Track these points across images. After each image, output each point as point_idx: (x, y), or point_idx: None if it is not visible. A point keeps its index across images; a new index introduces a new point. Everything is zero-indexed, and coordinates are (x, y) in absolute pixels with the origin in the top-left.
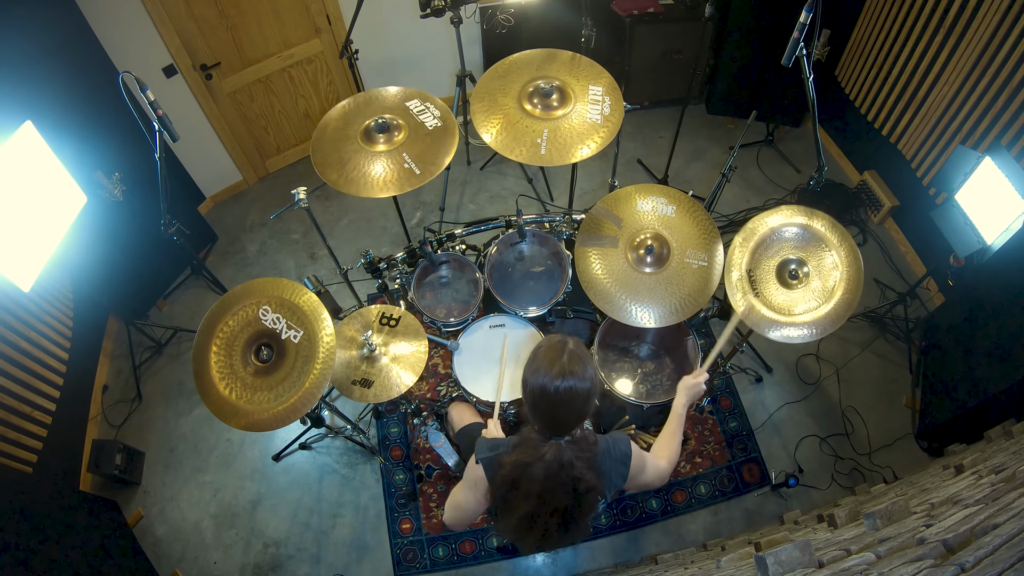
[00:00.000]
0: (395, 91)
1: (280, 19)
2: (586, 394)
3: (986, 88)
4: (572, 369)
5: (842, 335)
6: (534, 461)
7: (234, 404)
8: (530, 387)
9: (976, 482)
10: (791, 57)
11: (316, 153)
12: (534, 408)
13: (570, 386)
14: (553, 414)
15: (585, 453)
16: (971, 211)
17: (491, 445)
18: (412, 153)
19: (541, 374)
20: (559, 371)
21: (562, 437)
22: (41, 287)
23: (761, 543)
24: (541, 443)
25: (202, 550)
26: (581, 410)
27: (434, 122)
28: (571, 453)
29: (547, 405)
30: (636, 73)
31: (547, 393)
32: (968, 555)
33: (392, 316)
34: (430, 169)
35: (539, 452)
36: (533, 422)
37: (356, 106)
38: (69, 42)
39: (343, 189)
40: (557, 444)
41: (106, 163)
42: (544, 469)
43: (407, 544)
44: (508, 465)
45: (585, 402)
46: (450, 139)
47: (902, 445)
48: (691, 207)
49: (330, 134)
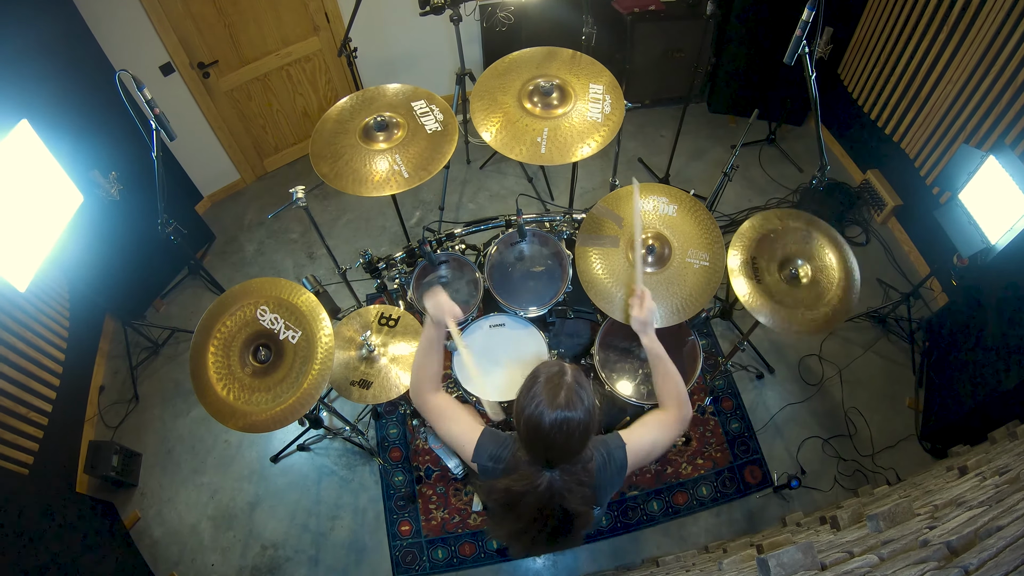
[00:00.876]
0: (398, 88)
1: (278, 17)
2: (584, 428)
3: (990, 86)
4: (570, 402)
5: (845, 335)
6: (527, 492)
7: (232, 405)
8: (525, 418)
9: (980, 484)
10: (793, 55)
11: (315, 144)
12: (528, 441)
13: (567, 418)
14: (548, 450)
15: (579, 480)
16: (975, 210)
17: (491, 454)
18: (406, 155)
19: (537, 406)
20: (556, 405)
21: (555, 469)
22: (37, 287)
23: (763, 545)
24: (535, 473)
25: (200, 552)
26: (577, 445)
27: (435, 125)
28: (563, 484)
29: (543, 441)
30: (637, 71)
31: (543, 428)
32: (972, 557)
33: (391, 316)
34: (420, 174)
35: (533, 482)
36: (527, 451)
37: (361, 102)
38: (65, 40)
39: (334, 184)
40: (551, 476)
41: (103, 162)
42: (536, 500)
43: (406, 546)
44: (500, 491)
45: (582, 437)
46: (447, 144)
47: (905, 446)
48: (693, 206)
49: (331, 126)
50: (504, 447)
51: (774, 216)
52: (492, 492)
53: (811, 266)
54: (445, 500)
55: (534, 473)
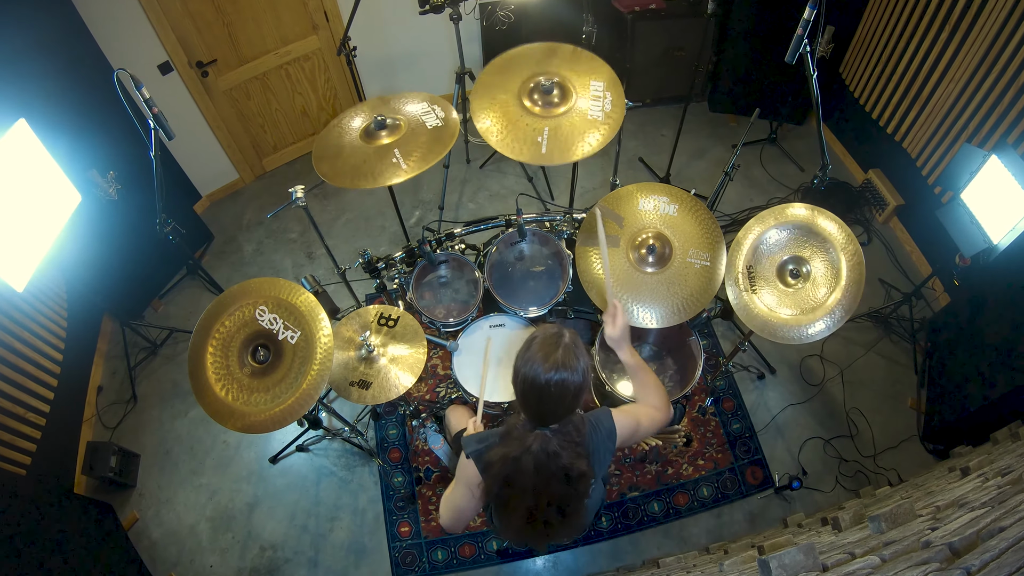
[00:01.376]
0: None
1: (277, 16)
2: (577, 388)
3: (992, 85)
4: (566, 362)
5: (846, 336)
6: (521, 454)
7: (230, 406)
8: (521, 376)
9: (982, 484)
10: (795, 54)
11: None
12: (523, 398)
13: (562, 379)
14: (541, 405)
15: (572, 439)
16: (977, 210)
17: (479, 438)
18: (404, 150)
19: (533, 364)
20: (552, 363)
21: (547, 427)
22: (35, 287)
23: (764, 546)
24: (526, 434)
25: (198, 554)
26: (571, 404)
27: (435, 121)
28: (557, 442)
29: (536, 396)
30: (638, 70)
31: (538, 384)
32: (974, 559)
33: (390, 316)
34: (420, 165)
35: (525, 443)
36: (521, 410)
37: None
38: (63, 39)
39: (333, 181)
40: (543, 434)
41: (101, 162)
42: (533, 460)
43: (406, 548)
44: (497, 460)
45: (576, 396)
46: (447, 139)
47: (907, 447)
48: (693, 206)
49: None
50: (489, 434)
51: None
52: (489, 467)
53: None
54: None
55: (526, 434)
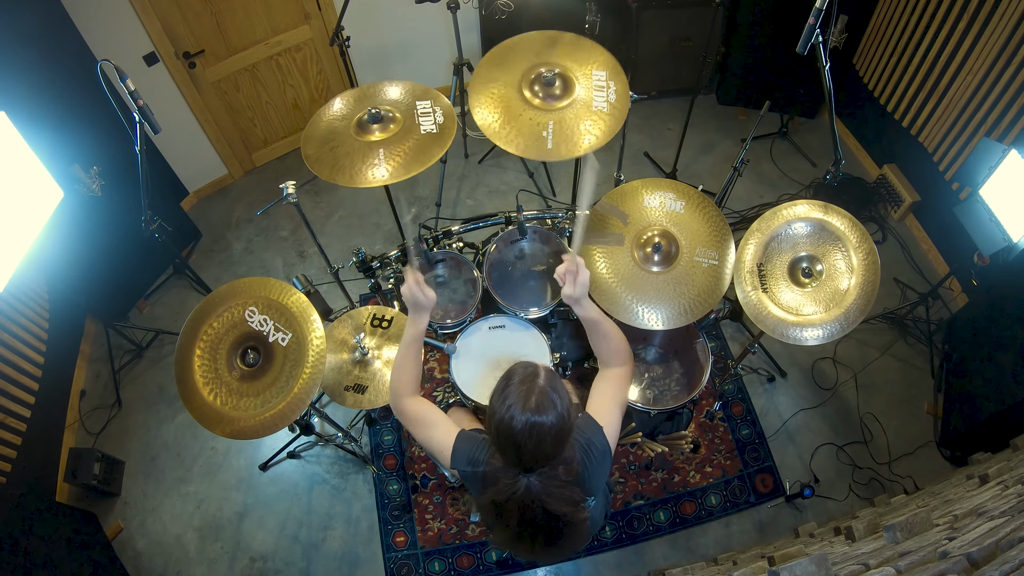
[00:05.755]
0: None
1: (267, 4)
2: (555, 433)
3: (1012, 77)
4: (540, 406)
5: (860, 338)
6: (507, 499)
7: (219, 410)
8: (495, 422)
9: (1002, 493)
10: (806, 44)
11: (307, 140)
12: (499, 446)
13: (538, 425)
14: (520, 453)
15: (559, 483)
16: (996, 207)
17: (469, 458)
18: (395, 151)
19: (510, 410)
20: (527, 410)
21: (531, 473)
22: (15, 287)
23: (775, 557)
24: (512, 479)
25: (185, 565)
26: (552, 450)
27: (431, 127)
28: (541, 488)
29: (512, 445)
30: (643, 61)
31: (513, 433)
32: (993, 570)
33: (385, 317)
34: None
35: (512, 489)
36: (500, 456)
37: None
38: (45, 28)
39: (327, 177)
40: (527, 481)
41: (84, 156)
42: (518, 505)
43: (401, 558)
44: (487, 504)
45: (556, 442)
46: (435, 150)
47: (923, 454)
48: (701, 203)
49: (326, 120)
50: (480, 448)
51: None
52: (480, 507)
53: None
54: (442, 510)
55: (512, 480)
